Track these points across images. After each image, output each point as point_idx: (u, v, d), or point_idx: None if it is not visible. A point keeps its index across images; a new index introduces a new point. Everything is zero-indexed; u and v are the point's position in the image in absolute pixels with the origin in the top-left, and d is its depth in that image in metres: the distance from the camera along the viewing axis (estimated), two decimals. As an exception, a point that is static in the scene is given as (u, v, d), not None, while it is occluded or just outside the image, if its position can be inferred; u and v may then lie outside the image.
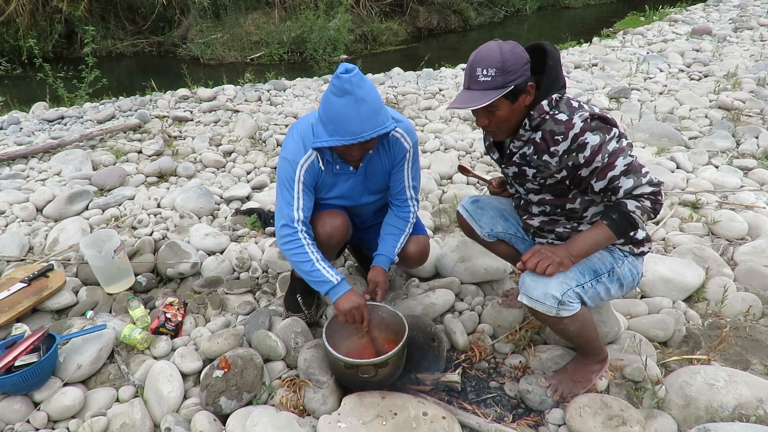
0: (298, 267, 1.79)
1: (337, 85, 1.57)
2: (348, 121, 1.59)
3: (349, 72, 1.56)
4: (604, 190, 1.51)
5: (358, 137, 1.61)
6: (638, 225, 1.48)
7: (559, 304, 1.51)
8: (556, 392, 1.77)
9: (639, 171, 1.46)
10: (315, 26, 9.36)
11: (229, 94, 5.67)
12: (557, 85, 1.54)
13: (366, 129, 1.60)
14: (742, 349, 1.96)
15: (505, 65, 1.43)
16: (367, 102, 1.59)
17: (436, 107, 5.17)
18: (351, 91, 1.56)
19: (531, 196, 1.71)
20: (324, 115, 1.64)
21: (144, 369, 1.91)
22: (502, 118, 1.53)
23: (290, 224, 1.77)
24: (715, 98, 5.06)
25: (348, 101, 1.57)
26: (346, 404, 1.68)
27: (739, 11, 10.27)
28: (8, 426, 1.69)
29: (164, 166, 3.74)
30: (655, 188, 1.45)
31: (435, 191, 3.43)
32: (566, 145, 1.49)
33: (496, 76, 1.44)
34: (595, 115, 1.49)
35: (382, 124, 1.64)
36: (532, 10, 13.67)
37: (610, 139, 1.46)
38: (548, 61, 1.52)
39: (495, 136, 1.63)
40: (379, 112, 1.63)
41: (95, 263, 2.30)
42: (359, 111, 1.58)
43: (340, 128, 1.61)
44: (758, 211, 2.96)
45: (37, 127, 4.76)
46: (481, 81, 1.46)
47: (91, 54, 6.29)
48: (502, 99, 1.48)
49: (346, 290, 1.77)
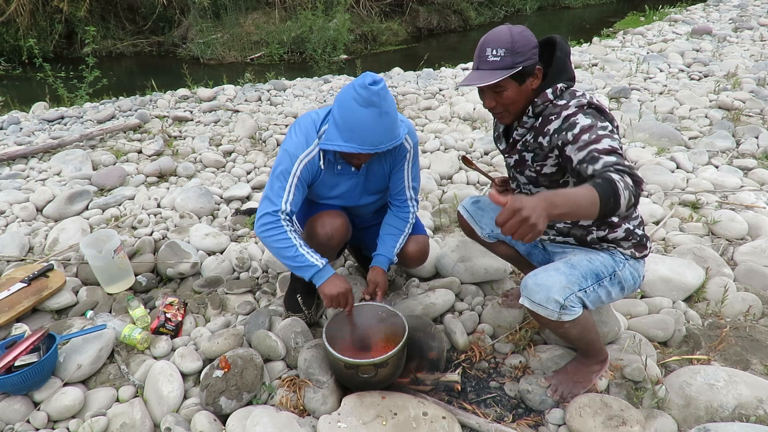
0: (280, 254, 1.75)
1: (365, 96, 1.58)
2: (370, 132, 1.61)
3: (377, 84, 1.58)
4: (581, 162, 1.38)
5: (376, 148, 1.64)
6: (620, 197, 1.22)
7: (561, 308, 1.51)
8: (556, 392, 1.77)
9: (623, 158, 1.36)
10: (315, 26, 9.37)
11: (229, 94, 5.67)
12: (564, 76, 1.56)
13: (384, 141, 1.65)
14: (742, 349, 1.96)
15: (514, 46, 1.46)
16: (390, 116, 1.63)
17: (436, 107, 5.17)
18: (378, 104, 1.58)
19: (530, 188, 1.72)
20: (342, 120, 1.64)
21: (144, 369, 1.91)
22: (509, 99, 1.54)
23: (273, 213, 1.73)
24: (715, 98, 5.06)
25: (373, 113, 1.59)
26: (346, 404, 1.68)
27: (739, 11, 10.26)
28: (8, 426, 1.69)
29: (164, 166, 3.75)
30: (636, 178, 1.29)
31: (435, 191, 3.43)
32: (557, 124, 1.50)
33: (505, 56, 1.46)
34: (594, 104, 1.50)
35: (397, 136, 1.69)
36: (532, 10, 13.68)
37: (602, 126, 1.43)
38: (557, 51, 1.56)
39: (501, 118, 1.64)
40: (396, 125, 1.67)
41: (95, 263, 2.30)
42: (382, 124, 1.61)
43: (358, 137, 1.62)
44: (758, 211, 2.95)
45: (37, 127, 4.76)
46: (490, 61, 1.48)
47: (91, 54, 6.30)
48: (509, 80, 1.50)
49: (331, 274, 1.77)
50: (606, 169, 1.30)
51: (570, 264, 1.61)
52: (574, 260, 1.64)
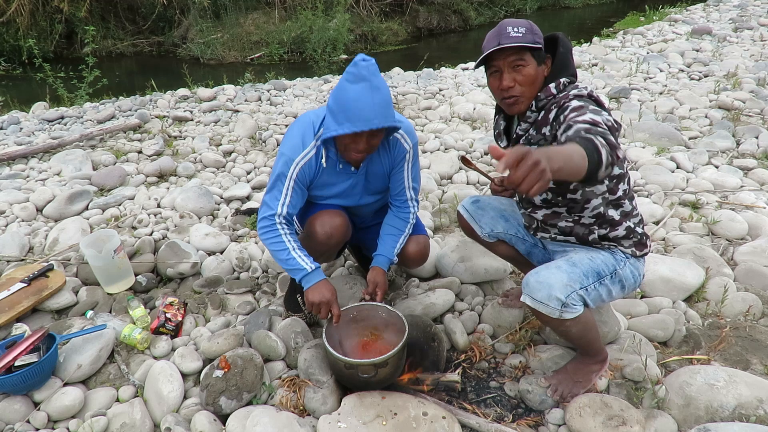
0: (276, 257, 1.81)
1: (354, 72, 1.59)
2: (361, 107, 1.59)
3: (367, 61, 1.59)
4: (563, 133, 1.36)
5: (369, 124, 1.60)
6: (602, 153, 1.18)
7: (562, 306, 1.51)
8: (556, 392, 1.77)
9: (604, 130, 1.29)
10: (315, 26, 9.37)
11: (229, 94, 5.67)
12: (567, 72, 1.58)
13: (377, 117, 1.61)
14: (742, 349, 1.96)
15: (532, 27, 1.54)
16: (381, 91, 1.61)
17: (436, 107, 5.16)
18: (367, 78, 1.58)
19: None
20: (335, 104, 1.64)
21: (144, 369, 1.91)
22: (528, 77, 1.55)
23: (271, 217, 1.79)
24: (715, 98, 5.06)
25: (363, 87, 1.59)
26: (346, 404, 1.68)
27: (739, 11, 10.26)
28: (8, 426, 1.69)
29: (164, 166, 3.75)
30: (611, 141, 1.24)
31: (435, 191, 3.43)
32: (555, 112, 1.52)
33: (527, 33, 1.51)
34: (593, 96, 1.50)
35: (391, 117, 1.66)
36: (532, 10, 13.69)
37: (593, 109, 1.40)
38: (559, 47, 1.58)
39: (514, 105, 1.61)
40: (389, 105, 1.66)
41: (95, 263, 2.30)
42: (373, 98, 1.59)
43: (351, 115, 1.60)
44: (758, 211, 2.95)
45: (37, 127, 4.76)
46: (512, 36, 1.50)
47: (91, 54, 6.31)
48: (531, 57, 1.53)
49: (319, 279, 1.79)
50: (579, 133, 1.27)
51: (571, 262, 1.61)
52: (576, 258, 1.64)
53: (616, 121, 1.42)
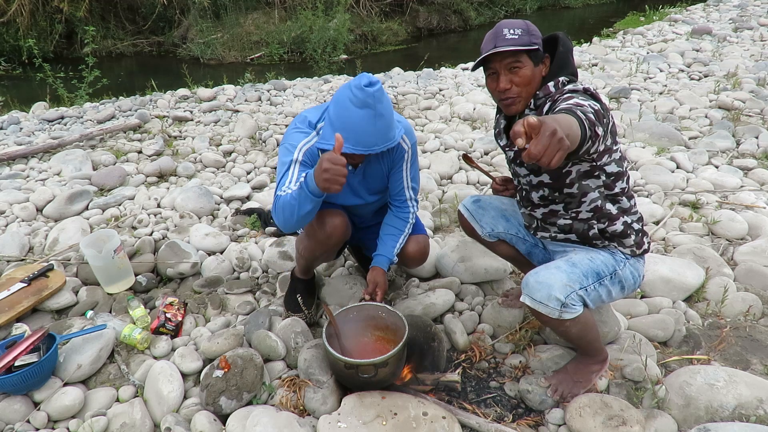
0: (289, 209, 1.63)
1: (360, 97, 1.58)
2: (364, 134, 1.62)
3: (373, 86, 1.58)
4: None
5: (370, 149, 1.64)
6: (585, 120, 1.20)
7: (562, 306, 1.51)
8: (556, 392, 1.77)
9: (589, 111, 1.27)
10: (315, 26, 9.37)
11: (229, 94, 5.67)
12: (566, 71, 1.59)
13: (378, 143, 1.65)
14: (742, 349, 1.96)
15: (529, 28, 1.54)
16: (385, 118, 1.63)
17: (436, 107, 5.16)
18: (372, 105, 1.59)
19: (531, 177, 1.71)
20: (337, 120, 1.65)
21: (144, 369, 1.91)
22: (525, 78, 1.55)
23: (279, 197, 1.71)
24: (715, 98, 5.06)
25: (367, 114, 1.59)
26: (346, 404, 1.68)
27: (739, 11, 10.26)
28: (8, 426, 1.69)
29: (164, 166, 3.74)
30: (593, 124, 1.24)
31: (435, 191, 3.43)
32: (548, 106, 1.53)
33: (523, 35, 1.51)
34: (588, 91, 1.49)
35: (392, 138, 1.69)
36: (532, 10, 13.68)
37: (583, 97, 1.40)
38: (559, 46, 1.59)
39: (512, 105, 1.61)
40: (391, 127, 1.67)
41: (95, 263, 2.30)
42: (376, 126, 1.62)
43: (353, 138, 1.62)
44: (758, 211, 2.95)
45: (37, 127, 4.76)
46: (508, 38, 1.51)
47: (91, 54, 6.30)
48: (527, 58, 1.54)
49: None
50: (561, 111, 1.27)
51: (571, 262, 1.61)
52: (575, 259, 1.64)
53: (604, 108, 1.39)
